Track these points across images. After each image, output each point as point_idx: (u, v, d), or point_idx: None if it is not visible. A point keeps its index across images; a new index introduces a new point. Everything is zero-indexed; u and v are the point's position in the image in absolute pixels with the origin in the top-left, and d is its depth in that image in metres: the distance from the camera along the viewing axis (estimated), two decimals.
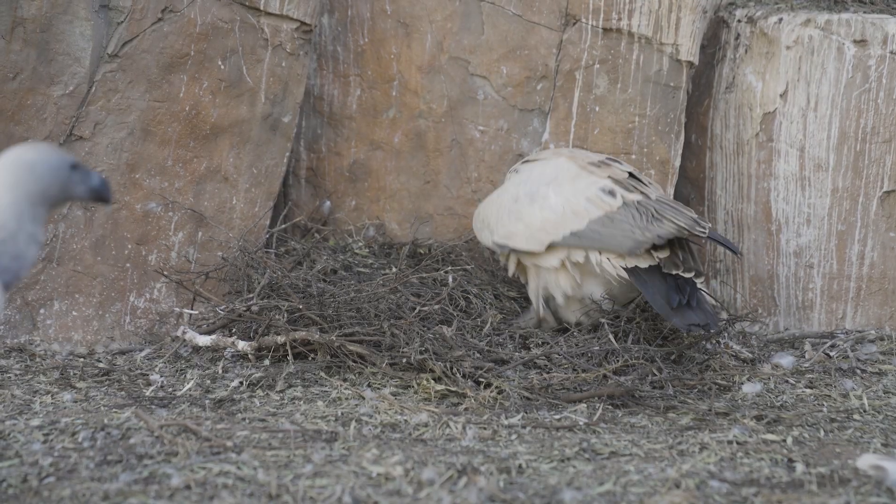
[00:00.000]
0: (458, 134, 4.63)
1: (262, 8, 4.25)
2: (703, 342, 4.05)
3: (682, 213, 3.83)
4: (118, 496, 2.88)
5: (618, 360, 3.82)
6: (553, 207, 3.94)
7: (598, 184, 3.93)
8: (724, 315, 4.60)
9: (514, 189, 4.10)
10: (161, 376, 3.87)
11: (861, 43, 4.33)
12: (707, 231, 3.80)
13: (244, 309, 4.02)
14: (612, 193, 3.90)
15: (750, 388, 3.88)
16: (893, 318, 4.43)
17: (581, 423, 3.52)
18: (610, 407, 3.68)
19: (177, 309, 4.24)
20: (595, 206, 3.89)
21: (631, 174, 3.99)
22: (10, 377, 3.85)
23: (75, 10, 4.00)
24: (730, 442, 3.41)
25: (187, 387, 3.77)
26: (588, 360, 3.84)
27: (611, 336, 3.89)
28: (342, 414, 3.55)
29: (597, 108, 4.56)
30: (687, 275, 3.75)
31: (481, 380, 3.79)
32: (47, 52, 3.99)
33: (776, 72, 4.46)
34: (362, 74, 4.70)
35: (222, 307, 4.09)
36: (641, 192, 3.91)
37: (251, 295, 4.07)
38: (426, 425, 3.50)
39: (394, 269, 4.34)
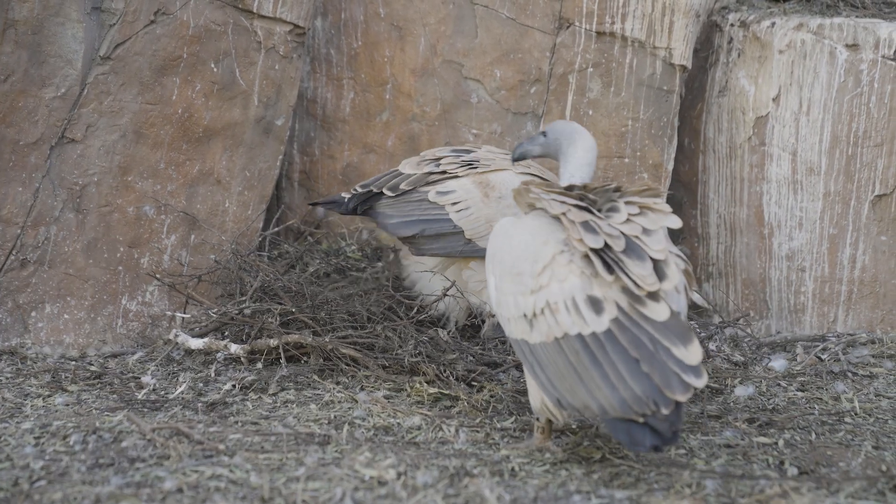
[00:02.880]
0: (451, 137, 4.63)
1: (255, 10, 4.24)
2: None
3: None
4: (110, 500, 2.87)
5: None
6: None
7: None
8: (716, 319, 4.61)
9: None
10: (153, 379, 3.86)
11: (853, 47, 4.34)
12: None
13: (237, 312, 4.02)
14: None
15: (742, 391, 3.89)
16: (884, 321, 4.44)
17: (573, 425, 3.53)
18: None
19: (169, 312, 4.23)
20: None
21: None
22: (1, 380, 3.83)
23: (67, 12, 3.99)
24: (722, 445, 3.41)
25: (179, 390, 3.76)
26: None
27: None
28: (335, 417, 3.55)
29: (590, 112, 4.57)
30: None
31: (474, 383, 3.79)
32: (39, 54, 3.98)
33: (769, 76, 4.47)
34: (356, 77, 4.70)
35: (215, 310, 4.08)
36: None
37: (244, 298, 4.06)
38: (419, 428, 3.49)
39: (380, 263, 4.33)
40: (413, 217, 4.04)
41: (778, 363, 4.16)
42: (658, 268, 3.02)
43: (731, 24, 4.61)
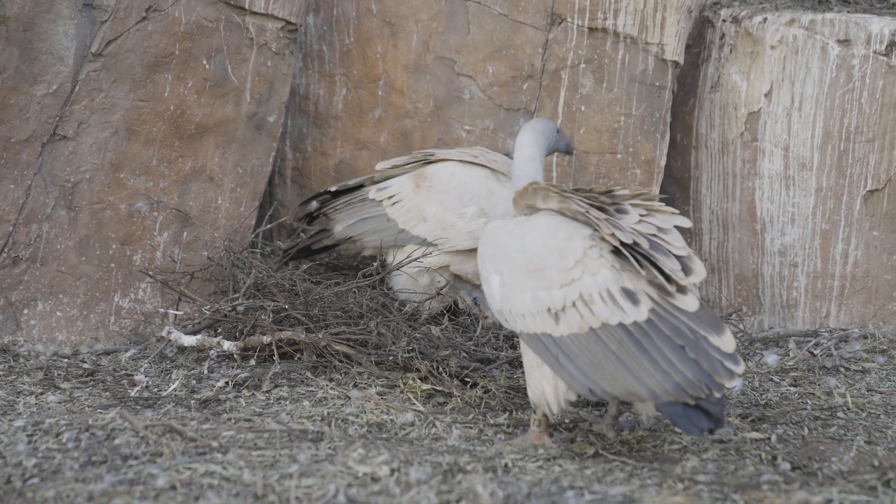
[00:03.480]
0: (444, 134, 4.63)
1: (247, 7, 4.23)
2: None
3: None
4: (103, 497, 2.86)
5: None
6: None
7: None
8: None
9: None
10: (146, 377, 3.85)
11: (845, 43, 4.35)
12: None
13: (230, 309, 4.01)
14: None
15: (734, 386, 3.89)
16: (877, 316, 4.45)
17: (566, 421, 3.53)
18: (594, 406, 3.69)
19: (162, 309, 4.22)
20: None
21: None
22: None
23: (58, 8, 3.98)
24: (714, 440, 3.42)
25: (172, 387, 3.75)
26: None
27: None
28: (328, 414, 3.55)
29: (582, 108, 4.57)
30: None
31: (467, 379, 3.79)
32: (30, 51, 3.97)
33: (761, 71, 4.48)
34: (348, 74, 4.69)
35: (208, 307, 4.08)
36: None
37: (237, 295, 4.06)
38: (412, 425, 3.50)
39: (375, 265, 4.34)
40: (355, 218, 4.28)
41: (770, 358, 4.17)
42: (683, 264, 3.17)
43: (723, 20, 4.61)
